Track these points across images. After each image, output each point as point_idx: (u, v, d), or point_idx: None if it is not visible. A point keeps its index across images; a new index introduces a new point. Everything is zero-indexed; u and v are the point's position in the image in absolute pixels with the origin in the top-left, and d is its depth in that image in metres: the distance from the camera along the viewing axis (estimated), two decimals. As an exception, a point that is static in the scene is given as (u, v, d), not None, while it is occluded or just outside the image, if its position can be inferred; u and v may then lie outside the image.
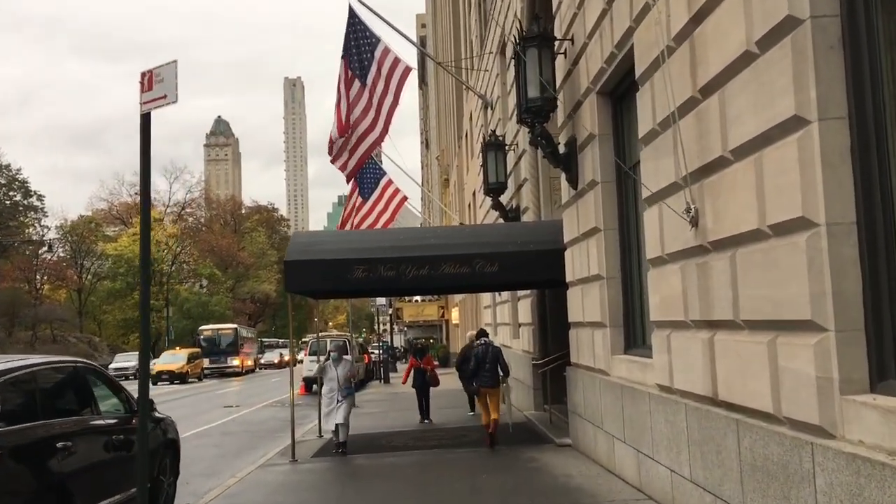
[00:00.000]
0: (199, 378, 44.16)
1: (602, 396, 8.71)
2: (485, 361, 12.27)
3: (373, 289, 11.56)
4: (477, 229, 14.80)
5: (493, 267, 10.99)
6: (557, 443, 10.78)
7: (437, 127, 55.01)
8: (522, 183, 15.05)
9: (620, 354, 8.50)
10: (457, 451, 10.86)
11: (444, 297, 45.19)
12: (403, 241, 11.53)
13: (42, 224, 73.68)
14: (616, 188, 8.70)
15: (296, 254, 11.07)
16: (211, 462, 11.85)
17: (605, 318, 8.71)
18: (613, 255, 8.68)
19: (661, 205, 6.45)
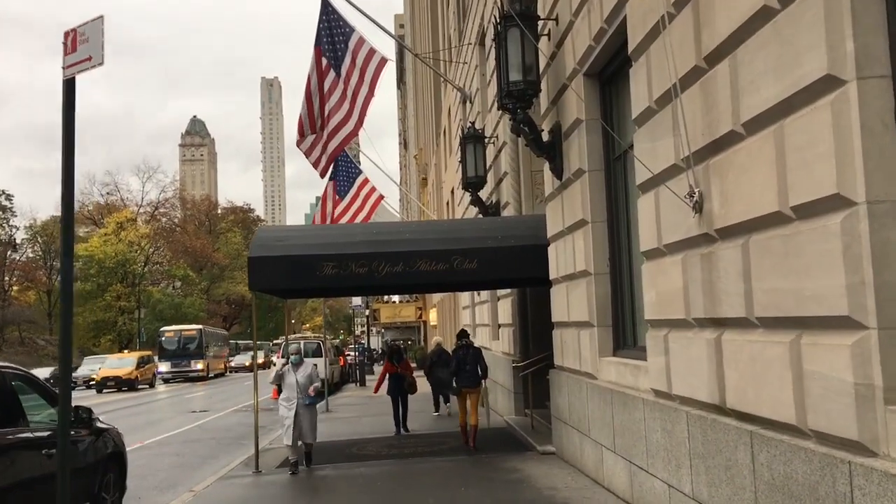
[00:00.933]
0: (151, 384, 40.51)
1: (589, 402, 8.07)
2: (465, 362, 11.75)
3: (344, 287, 10.83)
4: (455, 224, 14.11)
5: (472, 264, 10.32)
6: (540, 450, 10.14)
7: (416, 126, 54.37)
8: (503, 177, 14.40)
9: (609, 356, 7.87)
10: (433, 461, 10.17)
11: (422, 298, 44.50)
12: (376, 235, 10.81)
13: (10, 224, 72.05)
14: (605, 177, 8.07)
15: (260, 249, 10.32)
16: (168, 473, 11.05)
17: (593, 317, 8.08)
18: (602, 249, 8.05)
19: (659, 191, 5.82)
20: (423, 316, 44.04)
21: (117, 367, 38.68)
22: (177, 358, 45.06)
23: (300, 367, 10.25)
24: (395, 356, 14.28)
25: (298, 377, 10.12)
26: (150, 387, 39.53)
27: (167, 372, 44.44)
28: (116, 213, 75.10)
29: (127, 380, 37.29)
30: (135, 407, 25.78)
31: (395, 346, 15.15)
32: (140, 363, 39.70)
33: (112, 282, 72.09)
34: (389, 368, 14.16)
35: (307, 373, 10.25)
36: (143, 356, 41.76)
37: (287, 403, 10.12)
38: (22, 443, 5.62)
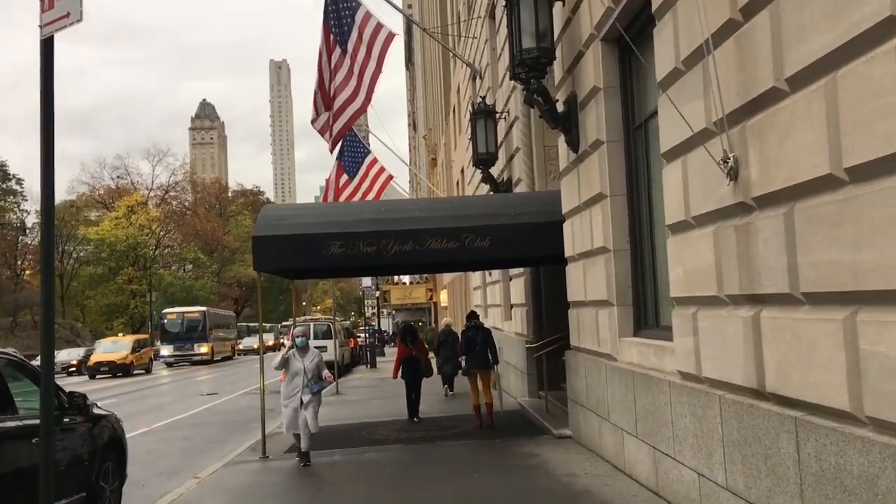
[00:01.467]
0: (148, 369, 38.07)
1: (608, 384, 7.70)
2: (475, 343, 11.49)
3: (351, 266, 10.47)
4: (466, 200, 13.69)
5: (484, 241, 9.93)
6: (556, 434, 9.79)
7: (424, 106, 53.80)
8: (514, 153, 13.96)
9: (630, 337, 7.48)
10: (445, 445, 9.85)
11: (433, 279, 44.19)
12: (385, 213, 10.43)
13: (21, 209, 72.19)
14: (624, 148, 7.64)
15: (265, 228, 9.96)
16: (175, 458, 10.78)
17: (612, 295, 7.68)
18: (621, 224, 7.63)
19: (687, 158, 5.39)
20: (433, 297, 43.75)
21: (111, 351, 36.47)
22: (180, 341, 43.54)
23: (307, 352, 9.51)
24: (409, 337, 12.85)
25: (306, 363, 9.41)
26: (147, 372, 37.29)
27: (170, 356, 42.98)
28: (127, 196, 75.02)
29: (121, 365, 35.23)
30: (143, 391, 25.67)
31: (409, 325, 13.57)
32: (136, 347, 37.63)
33: (124, 265, 72.19)
34: (403, 351, 12.79)
35: (314, 358, 9.52)
36: (140, 339, 39.79)
37: (292, 392, 9.38)
38: (9, 431, 5.29)
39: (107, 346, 37.73)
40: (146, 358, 38.41)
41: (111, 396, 22.41)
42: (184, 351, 43.14)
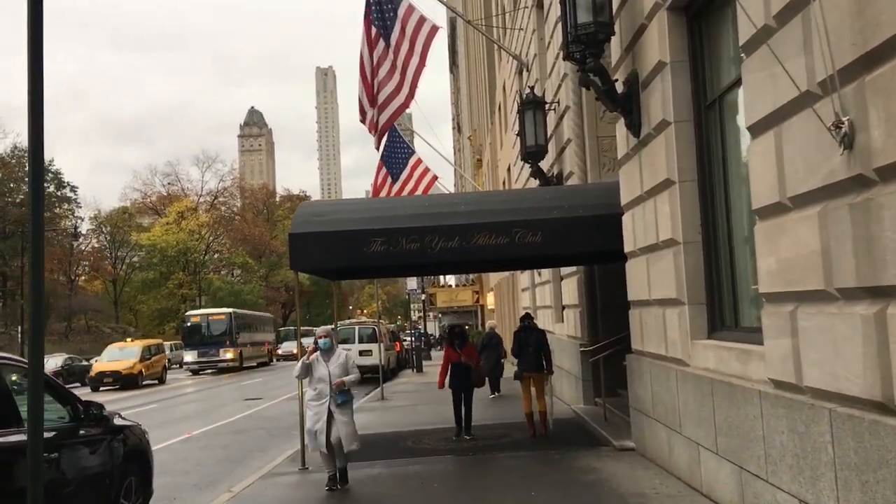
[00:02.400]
0: (161, 379, 33.15)
1: (680, 392, 6.89)
2: (527, 345, 10.77)
3: (394, 265, 9.82)
4: (516, 194, 12.96)
5: (536, 237, 9.19)
6: (617, 446, 8.98)
7: (469, 107, 53.18)
8: (565, 145, 13.18)
9: (704, 339, 6.67)
10: (497, 457, 9.12)
11: (479, 281, 43.45)
12: (429, 208, 9.78)
13: (76, 215, 73.80)
14: (694, 128, 6.84)
15: (302, 225, 9.39)
16: (211, 468, 10.28)
17: (682, 293, 6.88)
18: (692, 213, 6.83)
19: (782, 129, 4.59)
20: (480, 300, 43.00)
21: (117, 359, 31.11)
22: (204, 346, 39.19)
23: (331, 356, 8.19)
24: (458, 340, 11.10)
25: (331, 367, 8.08)
26: (160, 382, 32.70)
27: (193, 362, 39.17)
28: (177, 202, 76.07)
29: (128, 375, 30.06)
30: (192, 394, 25.52)
31: (458, 328, 11.65)
32: (146, 354, 32.32)
33: (174, 270, 73.24)
34: (451, 356, 11.03)
35: (340, 362, 8.18)
36: (151, 345, 34.20)
37: (317, 402, 8.10)
38: (11, 447, 4.76)
39: (112, 352, 32.67)
40: (159, 366, 33.51)
41: (159, 401, 22.26)
42: (208, 357, 39.13)
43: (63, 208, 72.67)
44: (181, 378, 36.48)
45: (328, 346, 8.19)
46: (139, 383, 30.59)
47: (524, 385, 10.83)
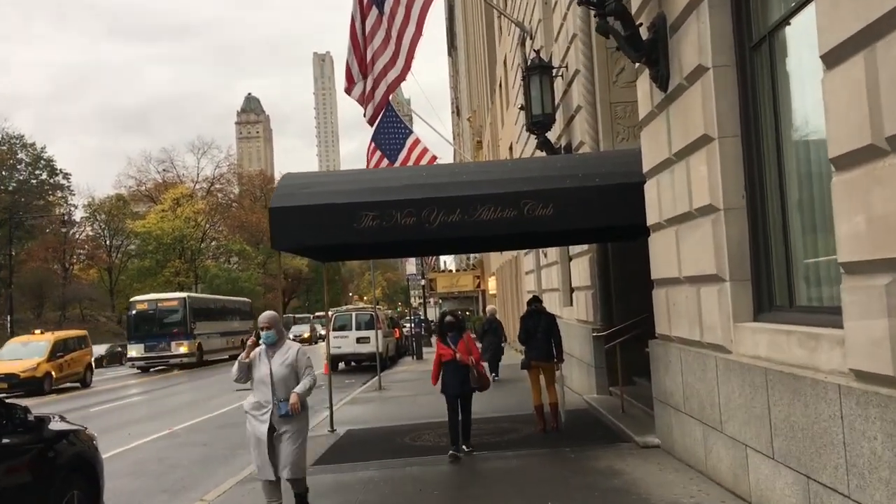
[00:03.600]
0: (84, 381, 26.03)
1: (721, 384, 5.89)
2: (536, 330, 9.71)
3: (388, 242, 8.78)
4: (524, 162, 11.91)
5: (547, 209, 8.16)
6: (640, 442, 8.01)
7: (468, 89, 52.09)
8: (575, 113, 12.14)
9: (750, 322, 5.68)
10: (504, 455, 8.14)
11: (480, 266, 42.49)
12: (427, 178, 8.75)
13: (69, 203, 72.83)
14: (737, 74, 5.81)
15: (284, 198, 8.37)
16: (188, 470, 9.30)
17: (723, 268, 5.87)
18: (735, 174, 5.82)
19: (878, 49, 3.56)
20: (481, 285, 42.06)
21: (16, 357, 23.96)
22: (153, 339, 32.50)
23: (277, 351, 6.27)
24: (452, 332, 8.58)
25: (274, 366, 6.16)
26: (83, 386, 25.76)
27: (139, 358, 32.71)
28: (173, 189, 74.97)
29: (28, 380, 22.97)
30: (178, 385, 24.57)
31: (451, 316, 8.94)
32: (58, 350, 24.74)
33: (171, 258, 72.25)
34: (443, 352, 8.54)
35: (288, 359, 6.21)
36: (68, 339, 26.36)
37: (257, 413, 6.20)
38: None
39: (13, 348, 25.22)
40: (79, 365, 26.08)
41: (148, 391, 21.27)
42: (157, 351, 32.40)
43: (56, 196, 71.70)
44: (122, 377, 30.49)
45: (273, 340, 6.27)
46: (46, 388, 23.35)
47: (532, 375, 9.83)
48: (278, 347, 6.29)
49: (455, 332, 8.59)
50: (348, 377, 22.49)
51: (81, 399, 21.43)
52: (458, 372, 8.39)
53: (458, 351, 8.39)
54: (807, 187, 5.10)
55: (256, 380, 6.25)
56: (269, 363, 6.21)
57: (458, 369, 8.38)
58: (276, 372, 6.16)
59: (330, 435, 10.54)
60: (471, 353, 8.45)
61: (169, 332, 32.65)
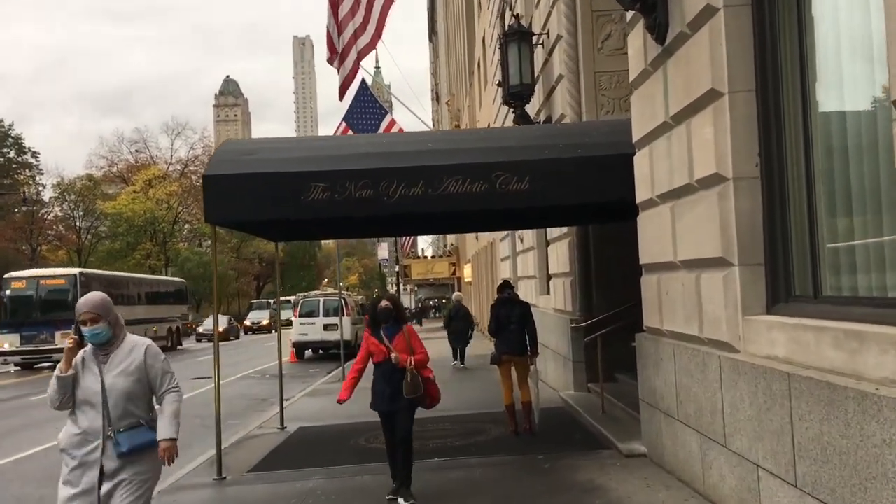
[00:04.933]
0: None
1: (725, 388, 4.92)
2: (509, 321, 8.66)
3: (340, 218, 7.65)
4: (498, 131, 10.80)
5: (523, 183, 7.13)
6: (623, 450, 7.04)
7: (448, 72, 50.99)
8: (556, 83, 11.10)
9: (763, 315, 4.71)
10: (469, 465, 7.14)
11: (456, 253, 41.51)
12: (387, 146, 7.68)
13: (37, 182, 70.90)
14: (753, 15, 4.80)
15: (222, 165, 7.25)
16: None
17: (731, 250, 4.89)
18: (748, 136, 4.82)
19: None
20: (457, 272, 41.06)
21: None
22: (31, 327, 25.17)
23: (113, 353, 4.17)
24: (389, 322, 6.41)
25: (109, 378, 4.10)
26: None
27: (13, 352, 25.27)
28: (145, 170, 73.13)
29: None
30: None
31: (386, 301, 6.62)
32: None
33: (141, 240, 70.65)
34: (374, 349, 6.36)
35: (132, 365, 4.16)
36: None
37: (77, 452, 4.04)
38: None
39: None
40: None
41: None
42: (36, 343, 25.04)
43: (25, 174, 69.69)
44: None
45: (103, 338, 4.12)
46: None
47: (503, 370, 8.82)
48: (114, 348, 4.15)
49: (392, 323, 6.37)
50: (314, 366, 21.43)
51: None
52: (394, 379, 6.12)
53: (393, 349, 6.16)
54: (840, 150, 4.12)
55: (80, 400, 4.09)
56: (99, 373, 4.09)
57: (394, 374, 6.12)
58: (113, 386, 4.06)
59: (279, 433, 9.50)
60: (411, 354, 6.21)
61: (54, 318, 24.67)
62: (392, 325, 6.39)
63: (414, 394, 6.17)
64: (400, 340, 6.30)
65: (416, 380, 6.17)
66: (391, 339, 6.29)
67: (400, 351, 6.22)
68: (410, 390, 6.15)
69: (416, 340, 6.42)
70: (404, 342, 6.31)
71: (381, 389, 6.29)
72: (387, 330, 6.36)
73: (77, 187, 71.08)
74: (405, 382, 6.13)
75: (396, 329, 6.37)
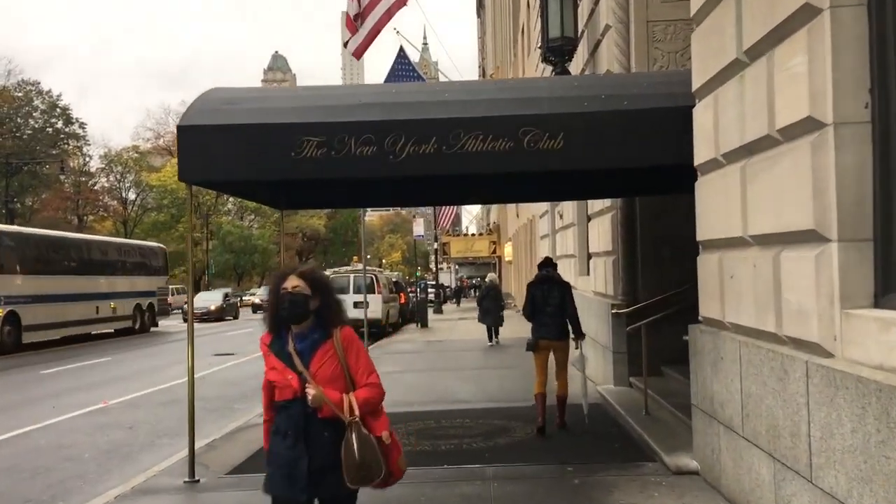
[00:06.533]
0: None
1: (814, 405, 3.68)
2: (546, 303, 7.58)
3: (335, 179, 6.52)
4: (526, 81, 9.56)
5: (556, 141, 5.90)
6: (670, 465, 5.83)
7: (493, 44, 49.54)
8: (602, 35, 9.78)
9: (869, 309, 3.45)
10: (483, 474, 5.99)
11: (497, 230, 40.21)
12: (396, 96, 6.50)
13: (84, 153, 71.81)
14: None
15: (200, 115, 6.17)
16: (89, 465, 7.15)
17: (827, 220, 3.62)
18: (855, 67, 3.54)
19: None
20: (497, 250, 39.80)
21: None
22: None
23: None
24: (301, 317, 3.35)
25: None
26: None
27: None
28: (189, 142, 73.34)
29: None
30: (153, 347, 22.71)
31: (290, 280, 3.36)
32: None
33: (185, 212, 71.13)
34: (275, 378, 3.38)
35: None
36: None
37: None
38: None
39: None
40: None
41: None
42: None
43: (72, 145, 70.46)
44: None
45: None
46: None
47: (540, 359, 7.65)
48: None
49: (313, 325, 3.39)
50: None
51: None
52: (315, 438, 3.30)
53: (312, 377, 3.28)
54: None
55: None
56: None
57: (314, 429, 3.30)
58: None
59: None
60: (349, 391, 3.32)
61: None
62: (311, 330, 3.35)
63: (363, 479, 3.24)
64: (326, 360, 3.31)
65: (367, 446, 3.20)
66: (308, 357, 3.31)
67: (325, 381, 3.26)
68: (355, 471, 3.20)
69: (361, 359, 3.38)
70: (335, 364, 3.31)
71: (287, 457, 3.28)
72: (301, 339, 3.35)
73: (123, 158, 71.81)
74: (345, 451, 3.20)
75: (320, 337, 3.34)
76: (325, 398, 3.23)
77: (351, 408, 3.24)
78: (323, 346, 3.35)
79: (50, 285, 21.93)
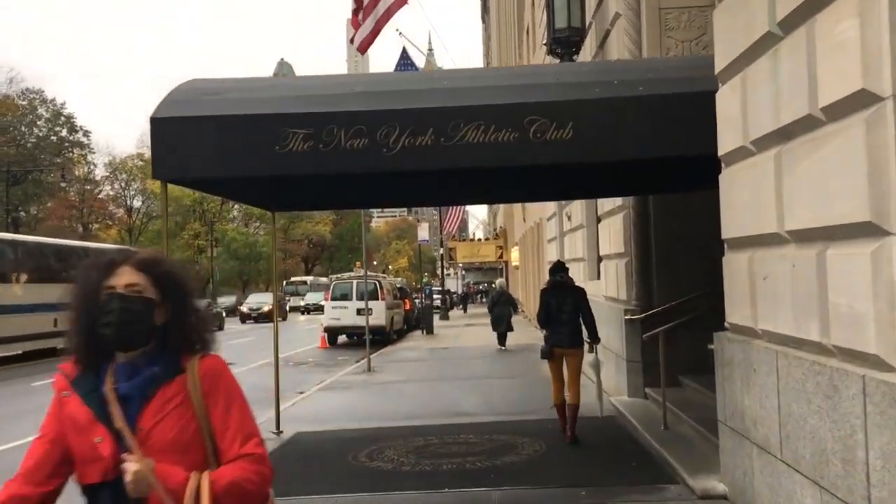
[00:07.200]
0: None
1: (873, 429, 3.12)
2: (561, 309, 7.25)
3: (322, 175, 5.98)
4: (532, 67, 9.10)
5: (564, 131, 5.37)
6: (695, 489, 5.27)
7: (498, 49, 49.17)
8: (612, 24, 9.25)
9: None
10: (488, 499, 5.45)
11: (503, 235, 39.66)
12: (390, 84, 5.99)
13: (88, 161, 71.71)
14: None
15: (175, 107, 5.65)
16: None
17: (887, 209, 3.08)
18: (923, 25, 2.98)
19: None
20: (504, 255, 39.22)
21: None
22: None
23: None
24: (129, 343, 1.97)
25: None
26: None
27: None
28: (194, 150, 73.25)
29: None
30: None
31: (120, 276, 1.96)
32: None
33: (189, 220, 71.06)
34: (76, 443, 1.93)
35: None
36: None
37: None
38: None
39: None
40: None
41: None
42: None
43: (76, 153, 70.35)
44: None
45: None
46: None
47: (555, 366, 7.33)
48: None
49: (155, 356, 1.99)
50: (344, 353, 19.98)
51: None
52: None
53: (139, 442, 1.87)
54: None
55: None
56: None
57: None
58: None
59: (271, 440, 7.96)
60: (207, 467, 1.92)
61: None
62: (149, 361, 1.99)
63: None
64: (168, 412, 1.95)
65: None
66: (138, 406, 1.94)
67: (162, 449, 1.89)
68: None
69: (233, 411, 2.00)
70: (184, 419, 1.96)
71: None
72: (128, 374, 1.97)
73: (128, 166, 71.66)
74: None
75: (162, 373, 1.98)
76: (153, 481, 1.80)
77: (198, 499, 1.81)
78: (165, 387, 1.94)
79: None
